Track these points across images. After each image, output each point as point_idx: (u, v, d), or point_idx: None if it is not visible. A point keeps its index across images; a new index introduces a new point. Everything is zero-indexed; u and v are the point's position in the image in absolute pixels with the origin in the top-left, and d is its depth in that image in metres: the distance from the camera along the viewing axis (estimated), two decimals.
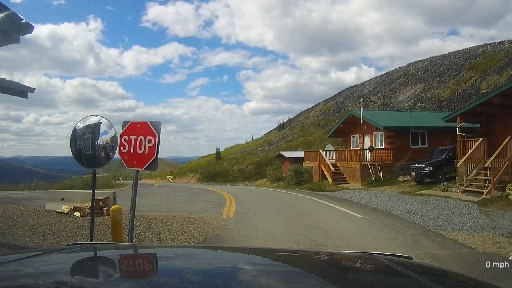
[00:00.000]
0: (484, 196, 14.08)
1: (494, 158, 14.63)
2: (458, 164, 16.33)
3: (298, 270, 1.86)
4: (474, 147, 16.03)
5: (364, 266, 1.93)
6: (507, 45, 47.11)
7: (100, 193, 13.29)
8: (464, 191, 15.38)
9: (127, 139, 6.15)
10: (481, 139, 16.21)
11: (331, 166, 25.80)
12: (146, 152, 5.93)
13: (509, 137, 14.92)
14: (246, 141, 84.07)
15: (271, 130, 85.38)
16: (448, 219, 10.75)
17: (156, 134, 5.86)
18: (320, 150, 28.55)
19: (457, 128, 17.63)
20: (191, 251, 2.45)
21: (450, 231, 9.35)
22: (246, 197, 20.20)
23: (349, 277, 1.73)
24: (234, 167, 54.83)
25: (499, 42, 50.45)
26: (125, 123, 6.29)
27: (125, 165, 6.20)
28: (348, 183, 24.69)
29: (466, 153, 16.45)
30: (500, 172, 14.61)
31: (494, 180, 14.35)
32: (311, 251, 4.19)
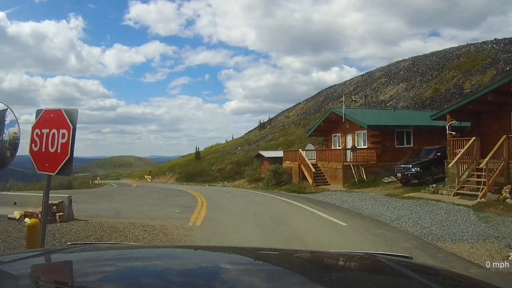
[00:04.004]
0: (479, 199, 12.86)
1: (489, 159, 13.40)
2: (450, 165, 15.07)
3: (296, 269, 1.81)
4: (467, 146, 14.81)
5: (363, 265, 1.93)
6: (490, 45, 46.77)
7: (54, 197, 11.74)
8: (456, 194, 14.15)
9: (39, 133, 4.55)
10: (473, 138, 15.00)
11: (311, 167, 24.42)
12: (59, 150, 4.35)
13: (504, 136, 13.75)
14: (226, 141, 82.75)
15: (252, 130, 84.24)
16: (444, 227, 9.42)
17: (71, 126, 4.25)
18: (300, 150, 27.19)
19: (447, 127, 16.41)
20: (189, 251, 2.45)
21: (449, 242, 8.01)
22: (220, 200, 18.74)
23: (349, 276, 1.73)
24: (213, 166, 54.18)
25: (483, 42, 50.28)
26: (38, 111, 4.71)
27: (36, 168, 4.65)
28: (329, 184, 23.38)
29: (457, 153, 15.27)
30: (495, 174, 13.43)
31: (490, 182, 13.16)
32: (309, 250, 4.00)
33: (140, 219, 11.59)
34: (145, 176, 67.13)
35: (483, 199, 12.81)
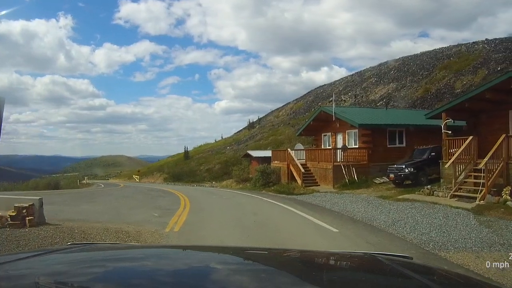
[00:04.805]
0: (477, 202, 12.11)
1: (488, 159, 12.64)
2: (446, 165, 14.29)
3: (293, 269, 1.82)
4: (464, 146, 14.07)
5: (364, 265, 1.93)
6: (481, 45, 46.47)
7: (25, 200, 10.98)
8: (453, 196, 13.41)
9: None
10: (471, 137, 14.25)
11: (300, 167, 23.58)
12: None
13: (503, 135, 13.03)
14: (215, 140, 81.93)
15: (241, 129, 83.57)
16: (445, 233, 8.63)
17: None
18: (289, 149, 26.34)
19: (442, 126, 15.64)
20: (190, 251, 2.38)
21: (453, 251, 7.20)
22: (204, 201, 17.82)
23: (349, 276, 1.74)
24: (202, 166, 53.85)
25: (473, 42, 50.00)
26: None
27: None
28: (319, 185, 22.57)
29: (453, 152, 14.56)
30: (494, 175, 12.70)
31: (489, 184, 12.43)
32: (307, 250, 3.80)
33: (116, 223, 10.74)
34: (133, 176, 66.81)
35: (482, 201, 12.08)
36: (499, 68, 37.26)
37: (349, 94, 57.34)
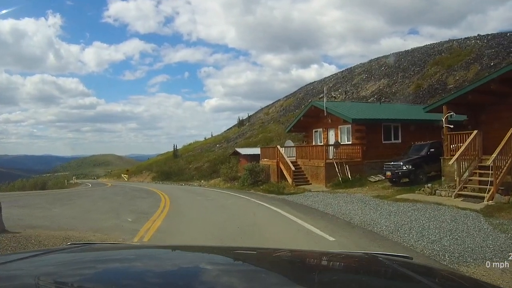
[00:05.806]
0: (486, 202, 10.98)
1: (496, 155, 11.50)
2: (450, 162, 13.12)
3: (291, 270, 1.78)
4: (468, 141, 12.92)
5: (364, 266, 1.90)
6: (473, 41, 45.70)
7: None
8: (458, 196, 12.26)
9: None
10: (475, 131, 13.10)
11: (291, 165, 22.35)
12: None
13: None
14: (205, 138, 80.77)
15: (231, 127, 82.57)
16: (457, 240, 7.43)
17: None
18: (278, 147, 25.10)
19: (443, 119, 14.44)
20: (191, 251, 2.36)
21: (472, 264, 6.02)
22: (186, 203, 16.60)
23: (349, 277, 1.70)
24: (191, 165, 53.29)
25: (465, 38, 49.24)
26: None
27: None
28: (311, 184, 21.38)
29: (455, 148, 13.45)
30: (502, 172, 11.57)
31: (497, 182, 11.30)
32: (306, 250, 3.68)
33: (82, 231, 9.54)
34: (122, 175, 66.49)
35: (490, 201, 10.96)
36: (492, 64, 36.44)
37: (339, 90, 56.35)
